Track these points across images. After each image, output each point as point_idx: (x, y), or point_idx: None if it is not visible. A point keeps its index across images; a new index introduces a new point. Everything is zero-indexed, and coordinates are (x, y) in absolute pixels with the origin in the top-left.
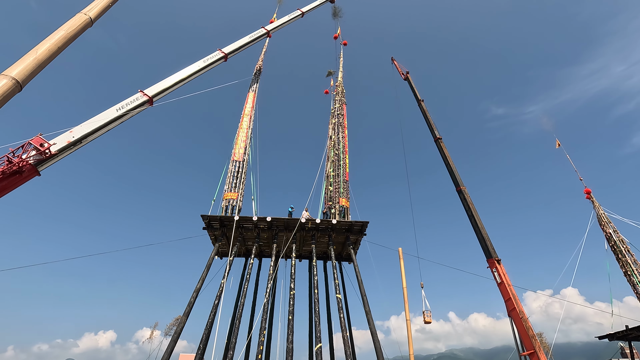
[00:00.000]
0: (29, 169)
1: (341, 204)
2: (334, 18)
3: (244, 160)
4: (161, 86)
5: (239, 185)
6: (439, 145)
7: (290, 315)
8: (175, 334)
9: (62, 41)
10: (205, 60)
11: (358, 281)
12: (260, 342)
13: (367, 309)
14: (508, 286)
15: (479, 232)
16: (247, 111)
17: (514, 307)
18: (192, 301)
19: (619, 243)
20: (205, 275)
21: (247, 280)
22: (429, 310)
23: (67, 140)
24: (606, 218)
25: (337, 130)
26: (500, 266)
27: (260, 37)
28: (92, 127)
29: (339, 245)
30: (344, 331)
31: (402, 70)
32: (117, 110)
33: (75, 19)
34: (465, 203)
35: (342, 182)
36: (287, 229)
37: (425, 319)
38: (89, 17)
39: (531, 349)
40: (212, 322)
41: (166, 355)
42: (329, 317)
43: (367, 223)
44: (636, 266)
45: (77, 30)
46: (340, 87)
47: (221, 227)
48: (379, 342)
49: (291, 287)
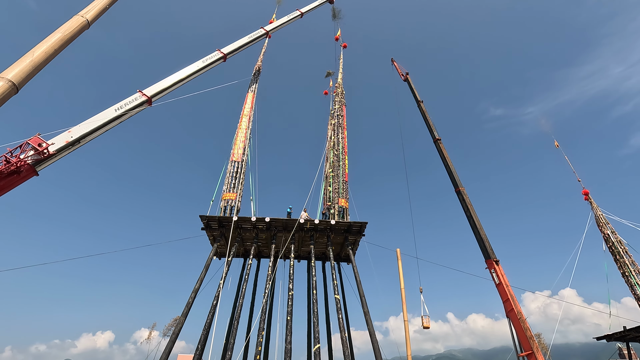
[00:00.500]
0: (27, 169)
1: (340, 205)
2: (333, 19)
3: (242, 161)
4: (160, 86)
5: (237, 186)
6: (438, 147)
7: (288, 316)
8: (173, 335)
9: (58, 43)
10: (204, 61)
11: (357, 282)
12: (258, 342)
13: (366, 310)
14: (506, 287)
15: (477, 233)
16: (246, 111)
17: (512, 308)
18: (190, 302)
19: (617, 244)
20: (203, 275)
21: (246, 280)
22: (428, 315)
23: (66, 140)
24: (604, 219)
25: (336, 131)
26: (499, 267)
27: (259, 38)
28: (90, 127)
29: (338, 245)
30: (342, 332)
31: (402, 71)
32: (115, 110)
33: (72, 22)
34: (464, 204)
35: (341, 183)
36: (285, 230)
37: (424, 324)
38: (85, 20)
39: (529, 350)
40: (211, 322)
41: (164, 356)
42: (328, 318)
43: (366, 224)
44: (634, 267)
45: (74, 33)
46: (340, 88)
47: (220, 228)
48: (377, 343)
49: (290, 288)
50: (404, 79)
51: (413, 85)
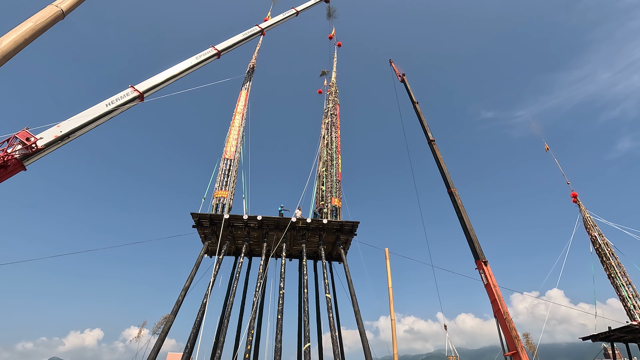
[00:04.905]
0: (14, 163)
1: (333, 204)
2: (328, 18)
3: (235, 159)
4: (152, 82)
5: (229, 184)
6: (432, 148)
7: (279, 315)
8: (163, 333)
9: (29, 33)
10: (197, 57)
11: (348, 281)
12: (248, 341)
13: (357, 309)
14: (494, 287)
15: (468, 234)
16: (239, 109)
17: (499, 308)
18: (180, 300)
19: (603, 246)
20: (194, 273)
21: (237, 279)
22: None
23: (55, 134)
24: (592, 221)
25: (330, 130)
26: (487, 268)
27: (253, 35)
28: (80, 122)
29: (330, 245)
30: (333, 331)
31: (399, 72)
32: (106, 106)
33: (46, 11)
34: (456, 205)
35: (334, 182)
36: (277, 228)
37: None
38: (60, 10)
39: (514, 350)
40: (201, 320)
41: (153, 354)
42: (318, 317)
43: (358, 223)
44: (620, 269)
45: (47, 22)
46: (334, 87)
47: (211, 226)
48: (367, 342)
49: (281, 287)
50: (401, 80)
51: (409, 87)
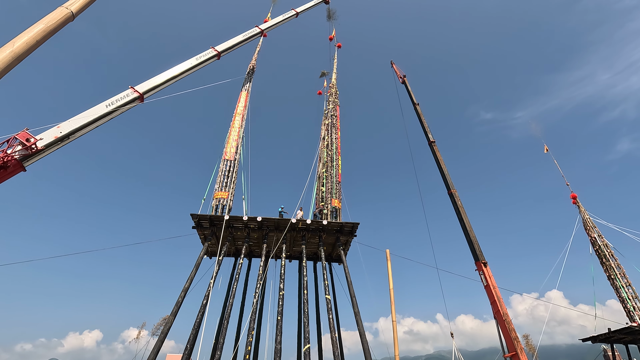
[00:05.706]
0: (14, 164)
1: (333, 205)
2: (328, 20)
3: (235, 160)
4: (152, 83)
5: (229, 185)
6: (433, 149)
7: (279, 316)
8: (162, 334)
9: (40, 35)
10: (198, 58)
11: (347, 282)
12: (248, 342)
13: (356, 310)
14: (493, 289)
15: (468, 235)
16: (239, 110)
17: (498, 310)
18: (180, 301)
19: (603, 247)
20: (194, 274)
21: (236, 280)
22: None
23: (55, 135)
24: (591, 223)
25: (330, 131)
26: (487, 269)
27: (253, 36)
28: (80, 123)
29: (329, 246)
30: (332, 332)
31: (400, 74)
32: (106, 107)
33: (56, 13)
34: (456, 206)
35: (334, 183)
36: (277, 229)
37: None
38: (70, 11)
39: (513, 351)
40: (200, 322)
41: (152, 356)
42: (318, 318)
43: (358, 224)
44: (619, 270)
45: (57, 24)
46: (334, 89)
47: (211, 227)
48: (367, 343)
49: (280, 288)
50: (402, 81)
51: (410, 88)
